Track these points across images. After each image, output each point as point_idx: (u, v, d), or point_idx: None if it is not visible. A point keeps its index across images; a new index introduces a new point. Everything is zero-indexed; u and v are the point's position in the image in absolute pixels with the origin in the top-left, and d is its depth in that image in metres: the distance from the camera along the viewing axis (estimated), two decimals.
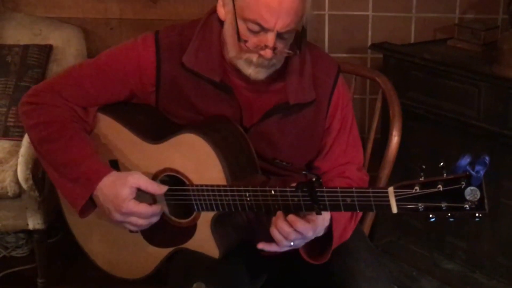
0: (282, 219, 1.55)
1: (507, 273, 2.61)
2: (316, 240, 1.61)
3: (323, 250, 1.64)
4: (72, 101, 1.72)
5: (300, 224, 1.53)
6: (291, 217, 1.53)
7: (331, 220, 1.60)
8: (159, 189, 1.65)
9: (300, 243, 1.59)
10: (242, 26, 1.59)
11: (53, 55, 2.90)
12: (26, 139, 2.51)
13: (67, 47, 2.93)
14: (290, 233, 1.54)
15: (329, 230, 1.61)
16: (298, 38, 1.68)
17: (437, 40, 2.91)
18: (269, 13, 1.55)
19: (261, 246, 1.59)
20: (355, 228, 1.75)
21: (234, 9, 1.59)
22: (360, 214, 1.78)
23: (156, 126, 1.72)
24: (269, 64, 1.63)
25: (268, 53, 1.59)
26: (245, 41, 1.59)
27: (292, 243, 1.56)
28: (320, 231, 1.60)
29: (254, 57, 1.61)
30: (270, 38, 1.57)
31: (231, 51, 1.65)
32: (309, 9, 1.63)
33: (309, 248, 1.65)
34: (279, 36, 1.59)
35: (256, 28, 1.57)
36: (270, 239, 1.60)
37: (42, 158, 1.72)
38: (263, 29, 1.57)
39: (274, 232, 1.56)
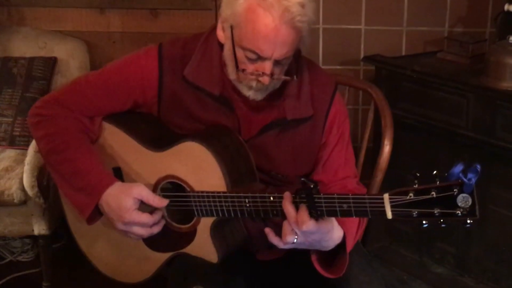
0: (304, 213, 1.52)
1: (494, 277, 2.63)
2: (327, 253, 1.62)
3: (333, 261, 1.66)
4: (78, 112, 1.74)
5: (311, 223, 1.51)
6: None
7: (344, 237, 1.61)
8: (160, 202, 1.66)
9: (301, 242, 1.56)
10: (240, 53, 1.61)
11: (58, 67, 2.94)
12: (31, 148, 2.54)
13: (71, 60, 2.97)
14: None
15: (343, 243, 1.62)
16: (295, 63, 1.70)
17: (427, 53, 2.93)
18: (266, 44, 1.56)
19: (267, 230, 1.57)
20: None
21: (232, 37, 1.60)
22: (365, 223, 1.78)
23: (159, 135, 1.74)
24: (268, 87, 1.65)
25: (266, 79, 1.60)
26: (243, 70, 1.61)
27: (295, 239, 1.54)
28: (329, 245, 1.60)
29: (253, 83, 1.63)
30: (267, 66, 1.59)
31: (231, 74, 1.66)
32: (307, 36, 1.63)
33: (323, 262, 1.66)
34: (276, 62, 1.60)
35: (253, 56, 1.59)
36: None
37: (50, 168, 1.76)
38: (260, 58, 1.59)
39: (285, 223, 1.54)
